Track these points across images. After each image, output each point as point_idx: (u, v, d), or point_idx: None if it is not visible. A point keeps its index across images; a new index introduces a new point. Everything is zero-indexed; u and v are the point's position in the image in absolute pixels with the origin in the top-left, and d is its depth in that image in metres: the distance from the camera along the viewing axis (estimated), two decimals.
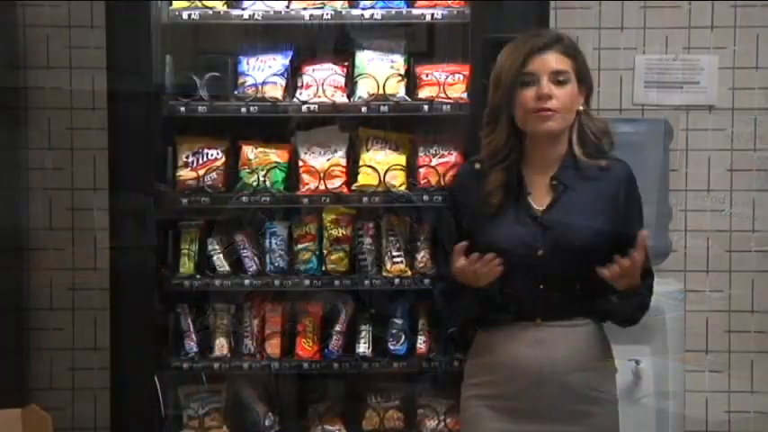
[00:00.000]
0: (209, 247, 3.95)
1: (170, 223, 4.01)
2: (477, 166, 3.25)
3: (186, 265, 3.96)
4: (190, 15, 3.90)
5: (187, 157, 3.95)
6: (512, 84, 3.13)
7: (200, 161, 3.95)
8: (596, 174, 3.18)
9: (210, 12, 3.91)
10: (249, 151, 3.95)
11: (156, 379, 3.82)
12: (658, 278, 4.04)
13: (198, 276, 3.95)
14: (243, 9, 3.92)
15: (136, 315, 3.83)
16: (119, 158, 3.82)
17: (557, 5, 4.11)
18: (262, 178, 3.89)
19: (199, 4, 3.90)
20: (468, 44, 3.83)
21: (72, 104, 4.29)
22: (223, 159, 3.96)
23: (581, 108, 3.19)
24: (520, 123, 3.16)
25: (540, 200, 3.20)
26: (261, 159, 3.92)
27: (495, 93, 3.18)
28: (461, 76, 3.87)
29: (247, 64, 3.95)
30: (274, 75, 3.91)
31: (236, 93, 3.92)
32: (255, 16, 3.88)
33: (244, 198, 3.89)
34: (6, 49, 4.18)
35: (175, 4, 3.92)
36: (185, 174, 3.94)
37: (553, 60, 3.15)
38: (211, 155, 3.96)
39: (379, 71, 3.89)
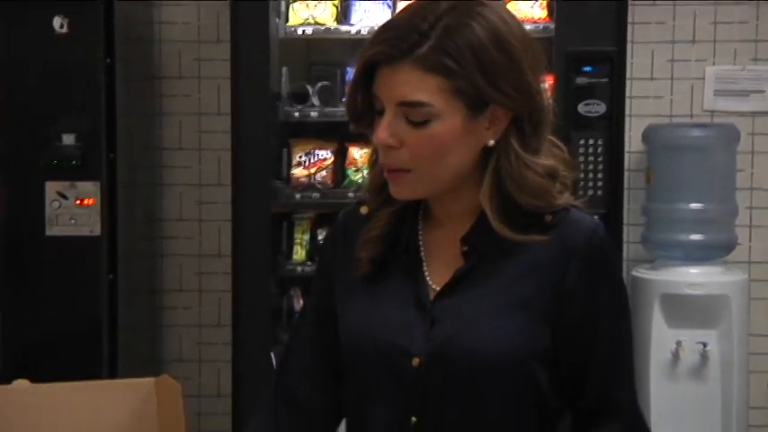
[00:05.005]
0: (319, 237, 3.97)
1: (284, 216, 4.06)
2: (364, 210, 1.81)
3: (299, 253, 4.02)
4: (304, 31, 3.93)
5: (300, 157, 4.00)
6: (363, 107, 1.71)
7: (312, 161, 4.00)
8: (537, 242, 1.70)
9: (322, 28, 3.94)
10: (355, 152, 3.99)
11: (271, 354, 3.81)
12: (725, 269, 4.04)
13: (309, 263, 3.98)
14: (351, 25, 3.96)
15: (254, 297, 3.87)
16: (240, 158, 3.86)
17: (634, 20, 4.06)
18: (366, 176, 3.85)
19: (311, 20, 3.94)
20: (552, 57, 3.75)
21: (200, 110, 4.33)
22: (332, 159, 4.00)
23: (490, 142, 1.68)
24: None
25: (438, 273, 1.75)
26: (366, 159, 3.79)
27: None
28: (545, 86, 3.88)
29: None
30: None
31: (343, 100, 3.86)
32: (362, 32, 3.90)
33: (350, 194, 3.91)
34: (144, 62, 4.25)
35: (291, 21, 3.96)
36: (298, 172, 3.99)
37: (402, 83, 1.64)
38: (322, 155, 4.01)
39: None
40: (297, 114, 3.95)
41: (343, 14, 4.02)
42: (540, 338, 1.69)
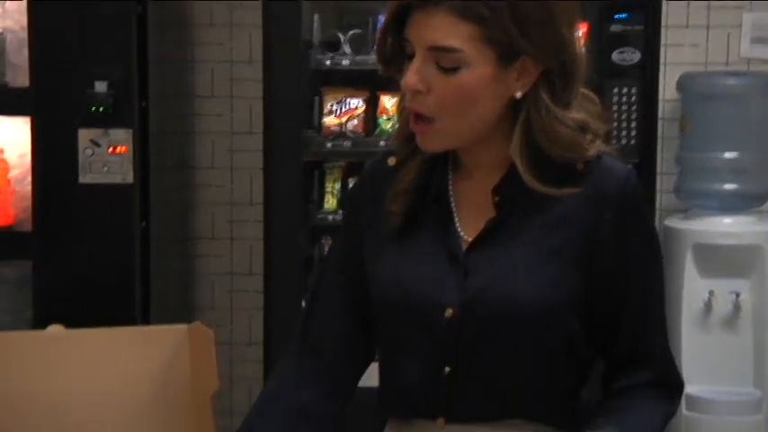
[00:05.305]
0: (350, 186, 3.95)
1: (316, 164, 4.09)
2: (392, 161, 1.81)
3: (330, 202, 4.05)
4: None
5: (331, 106, 4.01)
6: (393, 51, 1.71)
7: (343, 109, 4.01)
8: (567, 193, 1.69)
9: None
10: (387, 100, 3.99)
11: (302, 302, 3.81)
12: (759, 219, 4.01)
13: (340, 212, 3.97)
14: None
15: (285, 245, 3.91)
16: (272, 106, 3.88)
17: None
18: (397, 125, 3.89)
19: None
20: (586, 4, 3.68)
21: (232, 58, 4.33)
22: (363, 107, 4.01)
23: (518, 94, 1.67)
24: None
25: (469, 224, 1.74)
26: (397, 107, 3.92)
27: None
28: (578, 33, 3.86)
29: None
30: None
31: (375, 48, 3.90)
32: None
33: (381, 142, 3.88)
34: (176, 10, 4.26)
35: None
36: (330, 120, 4.01)
37: (434, 28, 1.63)
38: (353, 103, 4.02)
39: None
40: (328, 62, 3.96)
41: None
42: (572, 288, 1.70)
